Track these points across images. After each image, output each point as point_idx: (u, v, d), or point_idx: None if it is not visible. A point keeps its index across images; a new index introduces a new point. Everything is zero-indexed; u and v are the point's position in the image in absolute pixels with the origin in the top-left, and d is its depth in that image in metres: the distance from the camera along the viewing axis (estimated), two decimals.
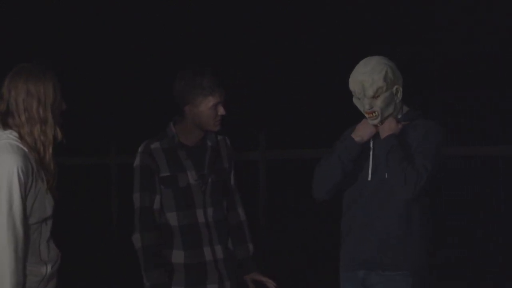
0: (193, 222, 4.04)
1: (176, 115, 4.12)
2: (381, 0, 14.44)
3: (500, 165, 10.47)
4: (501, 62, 13.01)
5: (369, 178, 3.85)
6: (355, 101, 3.88)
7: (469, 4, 13.53)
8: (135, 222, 4.02)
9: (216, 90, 3.99)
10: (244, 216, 4.26)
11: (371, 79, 3.77)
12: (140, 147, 4.08)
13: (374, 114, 3.81)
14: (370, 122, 3.85)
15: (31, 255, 3.24)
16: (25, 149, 3.23)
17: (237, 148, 4.67)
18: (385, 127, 3.82)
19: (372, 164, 3.85)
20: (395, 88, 3.82)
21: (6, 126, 3.26)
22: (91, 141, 14.89)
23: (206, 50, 15.14)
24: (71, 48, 16.26)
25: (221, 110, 4.01)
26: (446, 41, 13.81)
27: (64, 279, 3.64)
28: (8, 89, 3.26)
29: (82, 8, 16.31)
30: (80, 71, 16.06)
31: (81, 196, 13.37)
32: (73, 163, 13.61)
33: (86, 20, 16.37)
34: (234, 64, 14.82)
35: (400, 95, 3.84)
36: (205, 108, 3.98)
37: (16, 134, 3.24)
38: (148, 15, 16.23)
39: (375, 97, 3.79)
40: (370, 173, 3.86)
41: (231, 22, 15.54)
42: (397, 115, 3.87)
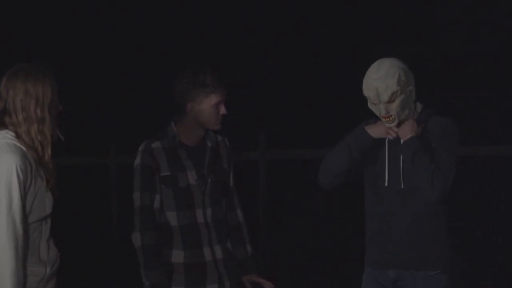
0: (193, 222, 4.04)
1: (176, 114, 4.11)
2: (381, 0, 14.44)
3: (500, 165, 10.46)
4: (501, 62, 13.01)
5: (386, 184, 3.86)
6: (370, 106, 3.88)
7: (469, 4, 13.53)
8: (135, 221, 4.02)
9: (219, 88, 3.98)
10: (243, 217, 4.27)
11: (385, 84, 3.77)
12: (141, 146, 4.07)
13: (391, 118, 3.82)
14: (387, 125, 3.85)
15: (31, 255, 3.25)
16: (23, 148, 3.23)
17: (237, 148, 4.67)
18: (406, 129, 3.82)
19: (389, 169, 3.86)
20: (409, 89, 3.82)
21: (2, 126, 3.26)
22: (90, 141, 14.89)
23: (206, 50, 15.14)
24: (71, 48, 16.26)
25: (223, 109, 4.01)
26: (446, 41, 13.81)
27: (64, 279, 3.64)
28: (6, 89, 3.27)
29: (82, 8, 16.31)
30: (80, 71, 16.06)
31: (80, 196, 13.36)
32: (73, 163, 13.61)
33: (86, 20, 16.37)
34: (234, 64, 14.82)
35: (413, 95, 3.85)
36: (207, 106, 3.98)
37: (12, 134, 3.24)
38: (148, 15, 16.23)
39: (390, 101, 3.79)
40: (386, 178, 3.86)
41: (231, 22, 15.54)
42: (412, 116, 3.87)
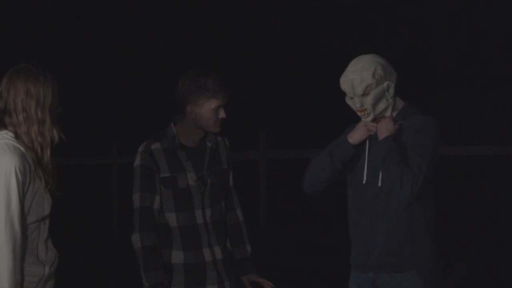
0: (192, 223, 4.04)
1: (177, 115, 4.12)
2: (381, 0, 14.45)
3: (500, 165, 10.47)
4: (501, 62, 13.01)
5: (364, 181, 3.86)
6: (347, 100, 3.91)
7: (469, 4, 13.54)
8: (135, 222, 4.01)
9: (220, 93, 3.97)
10: (242, 217, 4.27)
11: (360, 77, 3.79)
12: (141, 147, 4.07)
13: (365, 112, 3.83)
14: (363, 119, 3.86)
15: (28, 255, 3.24)
16: (21, 148, 3.22)
17: (237, 148, 4.68)
18: (382, 128, 3.81)
19: (368, 167, 3.85)
20: (385, 84, 3.82)
21: (2, 126, 3.26)
22: (92, 142, 14.91)
23: (207, 50, 15.15)
24: (73, 48, 16.26)
25: (222, 114, 4.00)
26: (446, 41, 13.82)
27: (64, 280, 3.65)
28: (7, 88, 3.25)
29: (85, 8, 16.31)
30: (83, 71, 16.07)
31: (82, 196, 13.37)
32: (75, 163, 13.62)
33: (88, 20, 16.36)
34: (234, 64, 14.82)
35: (392, 91, 3.84)
36: (207, 109, 3.98)
37: (12, 134, 3.23)
38: (150, 16, 16.22)
39: (365, 94, 3.80)
40: (365, 176, 3.86)
41: (232, 22, 15.53)
42: (391, 111, 3.86)
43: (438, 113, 3.93)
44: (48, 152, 3.26)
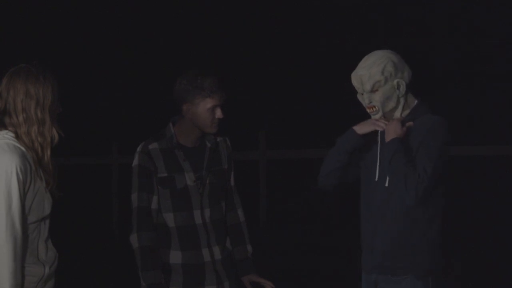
0: (190, 223, 4.04)
1: (176, 115, 4.12)
2: (381, 0, 14.45)
3: (500, 165, 10.47)
4: (501, 62, 13.01)
5: (376, 179, 3.81)
6: (358, 96, 3.85)
7: (469, 4, 13.54)
8: (133, 222, 4.02)
9: (216, 93, 3.98)
10: (244, 217, 4.27)
11: (368, 73, 3.73)
12: (139, 147, 4.08)
13: (374, 109, 3.78)
14: (372, 116, 3.81)
15: (29, 255, 3.24)
16: (22, 148, 3.22)
17: (237, 148, 4.68)
18: (390, 130, 3.74)
19: (380, 164, 3.81)
20: (395, 81, 3.76)
21: (1, 126, 3.26)
22: (92, 142, 14.90)
23: (207, 50, 15.15)
24: (73, 48, 16.26)
25: (219, 113, 4.00)
26: (446, 41, 13.82)
27: (64, 280, 3.65)
28: (6, 89, 3.25)
29: (85, 8, 16.31)
30: (83, 71, 16.07)
31: (82, 196, 13.37)
32: (75, 163, 13.62)
33: (88, 20, 16.36)
34: (234, 64, 14.82)
35: (403, 89, 3.77)
36: (203, 109, 3.98)
37: (12, 134, 3.24)
38: (150, 16, 16.22)
39: (373, 91, 3.76)
40: (377, 173, 3.81)
41: (232, 22, 15.53)
42: (402, 110, 3.80)
43: (438, 113, 3.89)
44: (49, 152, 3.27)
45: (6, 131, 3.25)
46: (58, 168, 3.33)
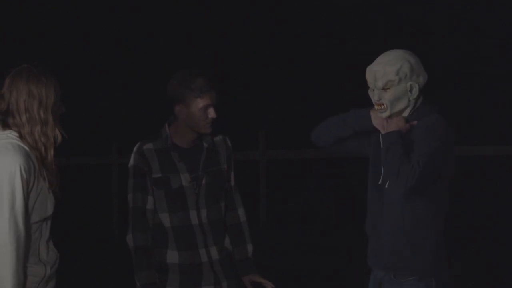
0: (186, 223, 4.03)
1: (171, 115, 4.12)
2: (381, 0, 14.45)
3: (500, 165, 10.47)
4: (501, 62, 13.01)
5: (380, 181, 3.80)
6: (369, 92, 3.83)
7: (469, 4, 13.54)
8: (129, 222, 4.03)
9: (206, 93, 3.95)
10: (245, 217, 4.25)
11: (383, 70, 3.70)
12: (134, 147, 4.08)
13: (382, 107, 3.75)
14: (379, 114, 3.79)
15: (31, 255, 3.24)
16: (26, 148, 3.23)
17: (237, 148, 4.67)
18: (392, 123, 3.73)
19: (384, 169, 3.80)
20: (409, 84, 3.72)
21: (5, 126, 3.26)
22: (92, 142, 14.90)
23: (207, 50, 15.15)
24: (73, 48, 16.26)
25: (212, 113, 3.98)
26: (446, 41, 13.82)
27: (65, 280, 3.65)
28: (9, 90, 3.26)
29: (85, 8, 16.31)
30: (83, 71, 16.06)
31: (82, 196, 13.36)
32: (75, 163, 13.62)
33: (88, 20, 16.36)
34: (234, 64, 14.81)
35: (415, 92, 3.74)
36: (195, 109, 3.97)
37: (16, 134, 3.24)
38: (150, 16, 16.22)
39: (385, 89, 3.73)
40: (381, 177, 3.80)
41: (232, 22, 15.53)
42: (409, 112, 3.78)
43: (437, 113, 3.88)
44: (52, 152, 3.27)
45: (10, 130, 3.26)
46: (60, 169, 3.34)
